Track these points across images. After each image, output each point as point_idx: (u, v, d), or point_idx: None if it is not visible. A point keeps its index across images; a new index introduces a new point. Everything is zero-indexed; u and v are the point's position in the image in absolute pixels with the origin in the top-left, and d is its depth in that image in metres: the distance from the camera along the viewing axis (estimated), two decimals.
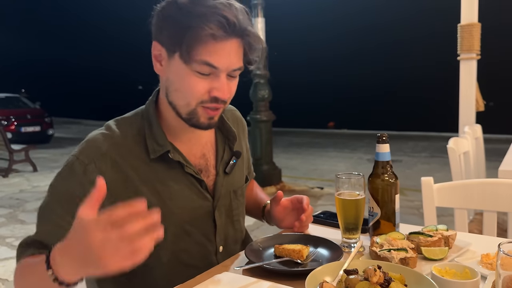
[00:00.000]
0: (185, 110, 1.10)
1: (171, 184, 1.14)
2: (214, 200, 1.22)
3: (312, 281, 0.94)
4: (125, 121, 1.18)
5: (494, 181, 1.59)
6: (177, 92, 1.09)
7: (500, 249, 0.71)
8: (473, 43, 3.56)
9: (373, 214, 1.27)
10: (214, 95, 1.07)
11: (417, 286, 0.92)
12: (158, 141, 1.13)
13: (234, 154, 1.29)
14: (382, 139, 1.26)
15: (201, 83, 1.06)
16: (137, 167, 1.11)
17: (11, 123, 11.47)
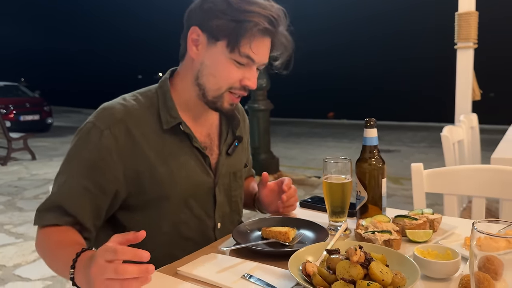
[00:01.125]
0: (213, 93, 1.19)
1: (178, 154, 1.21)
2: (216, 178, 1.28)
3: (295, 261, 0.96)
4: (140, 94, 1.25)
5: (483, 167, 1.60)
6: (211, 77, 1.17)
7: (474, 227, 0.72)
8: (470, 32, 3.55)
9: (360, 198, 1.28)
10: (245, 84, 1.18)
11: (399, 266, 0.93)
12: (171, 113, 1.20)
13: (236, 138, 1.36)
14: (370, 123, 1.27)
15: (236, 72, 1.16)
16: (148, 135, 1.17)
17: (10, 112, 11.47)
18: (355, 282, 0.83)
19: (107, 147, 1.12)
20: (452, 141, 2.63)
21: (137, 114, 1.18)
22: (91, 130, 1.13)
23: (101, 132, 1.12)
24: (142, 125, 1.18)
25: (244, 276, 0.97)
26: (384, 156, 1.34)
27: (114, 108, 1.17)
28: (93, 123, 1.14)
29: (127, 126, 1.15)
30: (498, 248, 0.75)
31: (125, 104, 1.19)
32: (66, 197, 1.10)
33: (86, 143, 1.13)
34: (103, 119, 1.15)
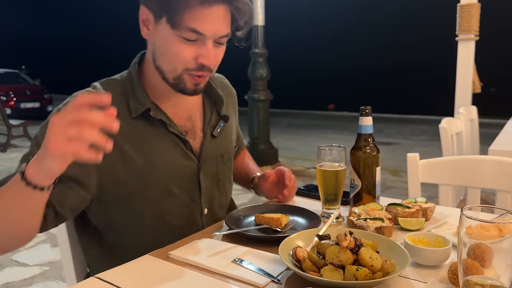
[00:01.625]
0: (171, 75, 1.11)
1: (154, 141, 1.15)
2: (200, 162, 1.23)
3: (286, 246, 0.96)
4: (109, 82, 1.19)
5: (479, 157, 1.59)
6: (163, 57, 1.09)
7: (463, 213, 0.72)
8: (472, 24, 3.52)
9: (354, 186, 1.28)
10: (201, 62, 1.07)
11: (389, 253, 0.93)
12: (139, 100, 1.14)
13: (222, 118, 1.30)
14: (365, 111, 1.26)
15: (187, 50, 1.06)
16: (121, 128, 1.09)
17: (10, 99, 11.46)
18: (344, 267, 0.83)
19: None
20: (450, 133, 2.62)
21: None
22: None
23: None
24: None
25: (235, 260, 0.97)
26: (384, 148, 1.33)
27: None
28: (59, 110, 1.03)
29: None
30: (490, 236, 0.74)
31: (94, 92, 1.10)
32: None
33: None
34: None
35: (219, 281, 0.90)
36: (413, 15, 12.86)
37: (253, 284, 0.88)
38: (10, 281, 2.89)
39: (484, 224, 0.76)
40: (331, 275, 0.83)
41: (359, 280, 0.81)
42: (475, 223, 0.74)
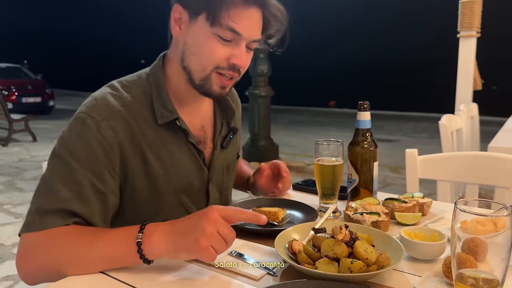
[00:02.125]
0: (199, 75, 1.07)
1: (174, 150, 1.12)
2: (210, 173, 1.21)
3: (282, 240, 0.96)
4: (130, 83, 1.13)
5: (477, 153, 1.59)
6: (194, 56, 1.06)
7: (457, 206, 0.72)
8: (474, 20, 3.51)
9: (351, 181, 1.28)
10: (233, 62, 1.05)
11: (384, 247, 0.94)
12: (167, 107, 1.10)
13: (231, 130, 1.28)
14: (363, 106, 1.27)
15: (221, 49, 1.04)
16: (144, 131, 1.07)
17: (12, 93, 11.47)
18: (339, 260, 0.84)
19: (107, 139, 1.00)
20: (450, 129, 2.62)
21: (133, 106, 1.07)
22: (86, 120, 1.00)
23: (97, 123, 1.00)
24: (138, 118, 1.07)
25: (231, 253, 0.97)
26: (384, 145, 1.33)
27: (108, 99, 1.05)
28: (86, 114, 1.01)
29: (125, 119, 1.04)
30: (485, 231, 0.75)
31: (118, 95, 1.08)
32: (72, 197, 0.95)
33: (83, 132, 0.99)
34: (98, 110, 1.02)
35: (215, 273, 0.90)
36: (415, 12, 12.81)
37: (249, 276, 0.88)
38: (10, 274, 2.91)
39: (480, 219, 0.76)
40: (325, 268, 0.83)
41: (353, 272, 0.81)
42: (470, 218, 0.74)
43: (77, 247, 0.90)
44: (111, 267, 0.90)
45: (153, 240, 0.87)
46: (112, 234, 0.93)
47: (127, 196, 1.08)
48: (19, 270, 0.93)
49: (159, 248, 0.87)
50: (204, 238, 0.83)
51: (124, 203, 1.09)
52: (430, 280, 0.85)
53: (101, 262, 0.89)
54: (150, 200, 1.11)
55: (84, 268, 0.89)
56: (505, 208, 0.70)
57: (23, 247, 0.94)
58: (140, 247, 0.87)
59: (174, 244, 0.86)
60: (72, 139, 1.00)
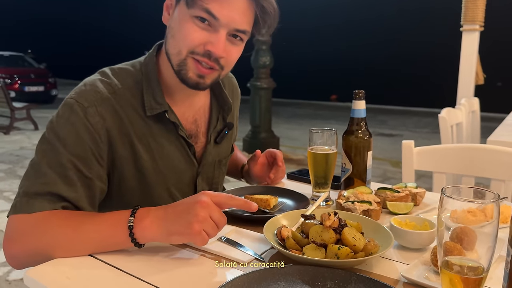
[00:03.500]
0: (176, 59, 1.04)
1: (164, 143, 1.11)
2: (199, 167, 1.20)
3: (271, 226, 0.96)
4: (122, 71, 1.11)
5: (473, 146, 1.58)
6: (172, 39, 1.04)
7: (443, 192, 0.71)
8: (477, 14, 3.48)
9: (345, 170, 1.28)
10: (208, 49, 1.00)
11: (374, 234, 0.93)
12: (156, 98, 1.08)
13: (226, 125, 1.26)
14: (358, 95, 1.26)
15: (198, 32, 1.00)
16: (133, 120, 1.06)
17: (15, 82, 11.47)
18: (326, 246, 0.84)
19: (94, 125, 1.00)
20: (450, 123, 2.61)
21: (122, 94, 1.06)
22: (73, 106, 0.99)
23: (85, 109, 0.99)
24: (127, 107, 1.06)
25: (220, 239, 0.97)
26: (387, 140, 1.33)
27: (97, 85, 1.04)
28: (75, 100, 1.00)
29: (113, 106, 1.03)
30: (476, 221, 0.74)
31: (108, 82, 1.06)
32: (59, 181, 0.95)
33: (71, 118, 0.99)
34: (86, 96, 1.01)
35: (203, 257, 0.90)
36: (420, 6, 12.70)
37: (236, 261, 0.88)
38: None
39: (471, 208, 0.76)
40: (312, 253, 0.83)
41: (340, 258, 0.81)
42: (458, 205, 0.74)
43: (66, 230, 0.90)
44: (101, 251, 0.90)
45: (145, 224, 0.87)
46: (102, 217, 0.92)
47: (114, 183, 1.08)
48: (6, 254, 0.93)
49: (152, 232, 0.87)
50: (197, 222, 0.84)
51: (111, 191, 1.09)
52: (417, 268, 0.84)
53: (91, 245, 0.89)
54: (138, 190, 1.11)
55: (72, 251, 0.89)
56: (492, 194, 0.70)
57: (10, 230, 0.93)
58: (132, 231, 0.87)
59: (167, 228, 0.86)
60: (60, 124, 0.99)
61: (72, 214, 0.95)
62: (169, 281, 0.80)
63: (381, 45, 13.70)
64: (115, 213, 0.92)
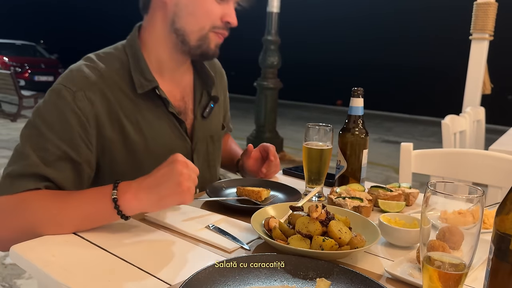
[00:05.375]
0: (197, 35, 1.10)
1: (154, 121, 1.13)
2: (193, 143, 1.22)
3: (259, 216, 0.96)
4: (106, 55, 1.13)
5: (472, 151, 1.57)
6: (190, 17, 1.09)
7: (428, 186, 0.71)
8: (487, 23, 3.45)
9: (339, 167, 1.27)
10: (227, 20, 1.11)
11: (362, 230, 0.93)
12: (145, 76, 1.10)
13: (212, 99, 1.28)
14: (357, 93, 1.25)
15: (217, 7, 1.09)
16: (121, 101, 1.08)
17: (25, 71, 11.57)
18: (312, 238, 0.83)
19: (82, 110, 1.00)
20: (453, 130, 2.59)
21: (109, 77, 1.07)
22: (62, 91, 1.00)
23: (73, 93, 1.00)
24: (115, 89, 1.07)
25: (208, 226, 0.97)
26: (391, 147, 1.32)
27: (84, 70, 1.06)
28: (62, 85, 1.01)
29: (101, 90, 1.05)
30: (465, 222, 0.74)
31: (94, 66, 1.08)
32: (42, 163, 0.95)
33: (59, 103, 1.00)
34: (74, 81, 1.02)
35: (188, 243, 0.90)
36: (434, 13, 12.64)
37: (221, 248, 0.88)
38: None
39: (462, 210, 0.76)
40: (297, 244, 0.83)
41: (324, 250, 0.81)
42: (452, 209, 0.73)
43: (51, 207, 0.91)
44: (87, 227, 0.91)
45: (130, 196, 0.88)
46: (86, 193, 0.93)
47: (106, 168, 1.09)
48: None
49: (140, 202, 0.88)
50: (184, 180, 0.87)
51: (104, 176, 1.09)
52: (402, 265, 0.84)
53: (76, 221, 0.90)
54: (130, 172, 1.10)
55: (59, 228, 0.90)
56: (476, 190, 0.69)
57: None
58: (117, 203, 0.88)
59: (157, 194, 0.88)
60: (47, 109, 1.00)
61: (56, 192, 0.96)
62: (151, 263, 0.80)
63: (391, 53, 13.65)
64: (98, 188, 0.93)
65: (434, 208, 0.79)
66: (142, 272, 0.77)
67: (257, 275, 0.75)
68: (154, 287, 0.72)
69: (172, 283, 0.73)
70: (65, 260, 0.80)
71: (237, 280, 0.73)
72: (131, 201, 0.88)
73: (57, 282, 0.73)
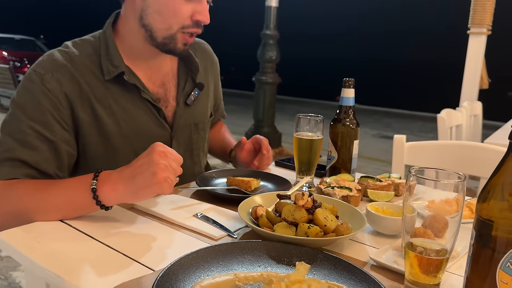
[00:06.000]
0: (163, 34, 1.08)
1: (127, 106, 1.13)
2: (172, 131, 1.22)
3: (246, 205, 0.96)
4: (82, 41, 1.15)
5: (465, 143, 1.57)
6: (157, 15, 1.06)
7: (410, 172, 0.71)
8: (485, 17, 3.44)
9: (330, 158, 1.27)
10: (197, 18, 1.07)
11: (349, 218, 0.93)
12: (113, 62, 1.10)
13: (196, 86, 1.27)
14: (348, 83, 1.25)
15: (185, 6, 1.05)
16: (93, 85, 1.09)
17: (24, 66, 11.53)
18: (297, 225, 0.83)
19: (52, 91, 1.02)
20: (449, 124, 2.59)
21: (80, 61, 1.09)
22: (31, 76, 1.03)
23: (41, 76, 1.03)
24: (86, 73, 1.08)
25: (196, 215, 0.97)
26: (390, 142, 1.32)
27: (54, 54, 1.08)
28: (32, 70, 1.05)
29: (70, 72, 1.06)
30: (451, 211, 0.74)
31: (66, 51, 1.09)
32: (18, 146, 0.98)
33: (29, 87, 1.02)
34: (43, 64, 1.05)
35: (175, 231, 0.91)
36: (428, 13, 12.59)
37: (208, 236, 0.88)
38: None
39: (448, 199, 0.76)
40: (282, 231, 0.83)
41: (309, 237, 0.81)
42: (439, 198, 0.74)
43: (35, 194, 0.91)
44: (72, 214, 0.91)
45: (108, 187, 0.88)
46: (66, 183, 0.94)
47: (80, 151, 1.10)
48: None
49: (117, 193, 0.88)
50: (160, 170, 0.85)
51: (78, 159, 1.11)
52: (387, 253, 0.84)
53: (59, 210, 0.90)
54: (103, 156, 1.12)
55: (45, 215, 0.90)
56: (458, 176, 0.69)
57: None
58: (96, 194, 0.88)
59: (133, 185, 0.87)
60: (20, 94, 1.03)
61: (38, 181, 0.97)
62: (136, 250, 0.80)
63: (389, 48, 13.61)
64: (78, 177, 0.94)
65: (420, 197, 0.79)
66: (127, 258, 0.77)
67: (241, 261, 0.75)
68: (138, 273, 0.72)
69: (156, 269, 0.73)
70: (51, 246, 0.80)
71: (220, 265, 0.73)
72: (109, 192, 0.88)
73: (42, 268, 0.74)
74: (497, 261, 0.63)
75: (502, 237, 0.63)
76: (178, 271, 0.68)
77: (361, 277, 0.69)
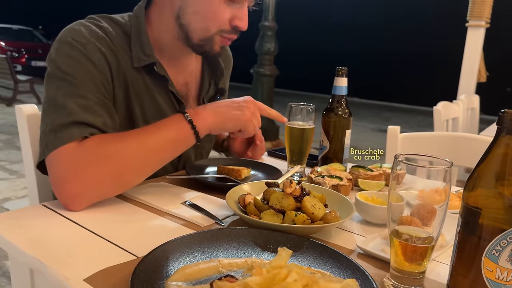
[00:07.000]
0: (200, 35, 1.04)
1: (155, 95, 1.10)
2: None
3: (234, 193, 0.95)
4: (110, 19, 1.08)
5: (460, 135, 1.56)
6: (196, 16, 1.02)
7: (396, 157, 0.70)
8: (484, 10, 3.42)
9: (322, 147, 1.26)
10: (236, 24, 1.03)
11: (337, 207, 0.92)
12: (144, 50, 1.06)
13: (219, 91, 1.26)
14: (341, 72, 1.24)
15: (226, 10, 1.02)
16: (127, 66, 1.04)
17: (22, 56, 11.49)
18: (285, 213, 0.83)
19: (97, 62, 0.97)
20: (446, 117, 2.58)
21: (114, 38, 1.03)
22: (72, 44, 0.96)
23: (84, 45, 0.96)
24: (121, 51, 1.04)
25: (184, 203, 0.97)
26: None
27: (88, 25, 1.01)
28: (71, 38, 0.96)
29: (109, 45, 1.01)
30: (440, 201, 0.73)
31: (100, 24, 1.03)
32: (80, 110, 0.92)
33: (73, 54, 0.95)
34: (81, 34, 0.98)
35: (162, 218, 0.90)
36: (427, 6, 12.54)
37: (195, 223, 0.88)
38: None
39: (438, 189, 0.75)
40: (270, 219, 0.82)
41: (296, 225, 0.80)
42: (428, 188, 0.73)
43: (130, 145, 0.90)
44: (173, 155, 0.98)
45: (202, 116, 0.97)
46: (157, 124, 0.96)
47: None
48: (64, 196, 0.87)
49: (209, 122, 0.97)
50: (249, 113, 1.01)
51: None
52: (375, 241, 0.83)
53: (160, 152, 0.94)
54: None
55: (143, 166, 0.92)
56: (445, 162, 0.69)
57: (57, 170, 0.88)
58: (194, 124, 0.95)
59: (224, 116, 0.99)
60: (64, 61, 0.95)
61: (122, 133, 0.94)
62: (121, 237, 0.79)
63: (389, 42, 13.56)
64: (165, 119, 0.98)
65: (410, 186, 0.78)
66: (111, 244, 0.76)
67: (226, 248, 0.74)
68: (121, 259, 0.71)
69: (140, 255, 0.73)
70: (33, 232, 0.79)
71: (205, 252, 0.72)
72: (204, 120, 0.97)
73: (25, 254, 0.73)
74: (483, 249, 0.62)
75: (488, 224, 0.62)
76: (160, 257, 0.67)
77: (346, 264, 0.68)
